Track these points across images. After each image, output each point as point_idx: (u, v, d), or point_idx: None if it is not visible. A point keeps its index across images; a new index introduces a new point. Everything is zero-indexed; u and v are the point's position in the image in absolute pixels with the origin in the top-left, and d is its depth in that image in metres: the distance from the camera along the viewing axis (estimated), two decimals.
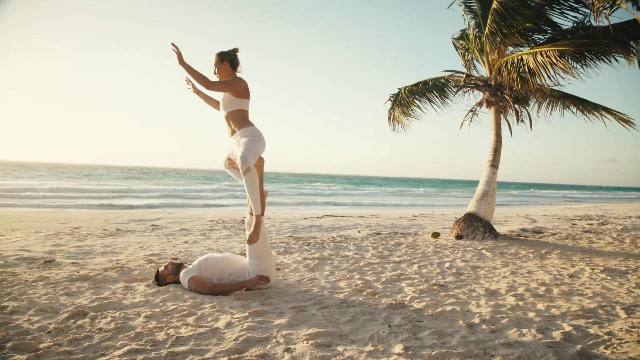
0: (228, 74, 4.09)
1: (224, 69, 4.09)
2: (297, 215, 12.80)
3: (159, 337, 2.79)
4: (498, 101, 8.59)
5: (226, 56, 4.09)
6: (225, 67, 4.09)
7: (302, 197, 26.69)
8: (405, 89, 9.36)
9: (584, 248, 7.15)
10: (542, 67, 6.94)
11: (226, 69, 4.09)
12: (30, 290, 3.82)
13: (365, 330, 2.98)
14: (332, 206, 20.51)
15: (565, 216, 14.46)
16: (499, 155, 8.60)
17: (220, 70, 4.10)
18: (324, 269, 5.10)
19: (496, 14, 7.35)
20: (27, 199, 17.12)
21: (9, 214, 11.39)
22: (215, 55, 4.11)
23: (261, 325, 3.05)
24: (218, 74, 4.11)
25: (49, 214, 11.62)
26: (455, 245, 7.06)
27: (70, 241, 6.71)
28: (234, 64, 4.11)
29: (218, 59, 4.09)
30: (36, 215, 11.03)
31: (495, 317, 3.29)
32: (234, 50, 4.14)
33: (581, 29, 7.72)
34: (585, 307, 3.61)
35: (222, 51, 4.11)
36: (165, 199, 19.61)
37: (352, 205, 22.10)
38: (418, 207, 22.08)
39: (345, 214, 14.03)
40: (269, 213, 13.27)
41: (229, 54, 4.11)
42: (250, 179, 3.83)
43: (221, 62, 4.08)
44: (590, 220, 13.03)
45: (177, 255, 5.74)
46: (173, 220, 10.16)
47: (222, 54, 4.09)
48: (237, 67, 4.13)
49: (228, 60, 4.08)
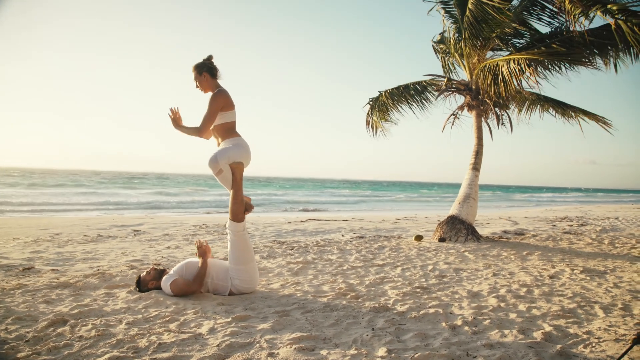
0: (210, 84, 4.07)
1: (204, 80, 4.07)
2: (281, 219, 12.77)
3: (140, 343, 2.75)
4: (479, 105, 8.69)
5: (203, 67, 4.06)
6: (205, 77, 4.06)
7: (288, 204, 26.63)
8: (386, 92, 9.40)
9: (564, 249, 7.27)
10: (514, 74, 7.05)
11: (206, 79, 4.07)
12: (8, 298, 3.74)
13: (348, 334, 2.98)
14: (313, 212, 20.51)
15: (546, 218, 14.68)
16: (481, 158, 8.70)
17: (202, 83, 4.07)
18: (308, 273, 5.10)
19: (468, 22, 7.44)
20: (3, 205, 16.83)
21: None
22: (192, 69, 4.08)
23: (244, 330, 3.04)
24: (200, 86, 4.08)
25: (28, 220, 11.40)
26: (438, 247, 7.12)
27: (50, 247, 6.59)
28: (212, 72, 4.08)
29: (196, 72, 4.07)
30: (14, 221, 10.82)
31: (478, 319, 3.32)
32: (208, 59, 4.12)
33: (559, 33, 7.85)
34: (565, 307, 3.67)
35: (197, 63, 4.08)
36: (148, 208, 19.41)
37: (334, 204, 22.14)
38: (401, 210, 22.20)
39: (329, 217, 14.04)
40: (252, 217, 13.22)
41: (204, 64, 4.08)
42: (223, 178, 3.97)
43: (200, 74, 4.06)
44: (570, 221, 13.26)
45: (159, 261, 5.68)
46: (155, 226, 10.05)
47: (199, 66, 4.07)
48: (216, 74, 4.10)
49: (206, 70, 4.06)
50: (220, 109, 3.97)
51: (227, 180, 4.01)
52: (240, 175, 4.01)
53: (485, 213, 17.52)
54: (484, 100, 8.60)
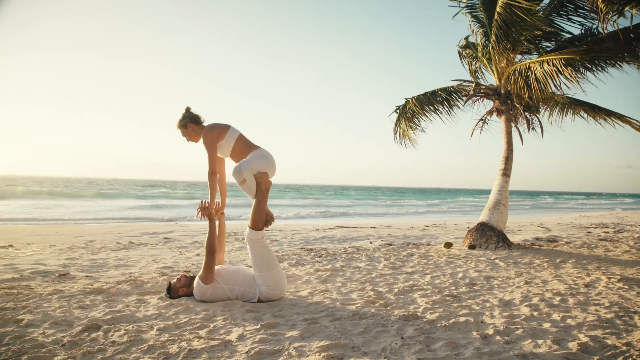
0: (198, 132, 4.13)
1: (191, 131, 4.14)
2: (309, 226, 12.80)
3: (171, 350, 2.79)
4: (508, 109, 8.55)
5: (185, 119, 4.13)
6: (192, 128, 4.13)
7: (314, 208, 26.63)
8: (413, 99, 9.34)
9: (599, 257, 7.05)
10: (549, 76, 6.90)
11: (192, 129, 4.14)
12: (45, 303, 3.86)
13: (377, 342, 2.96)
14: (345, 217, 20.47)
15: (580, 224, 14.28)
16: (511, 163, 8.54)
17: (190, 134, 4.14)
18: (336, 280, 5.09)
19: (497, 25, 7.33)
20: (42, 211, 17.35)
21: (24, 228, 11.53)
22: (177, 127, 4.16)
23: (273, 337, 3.04)
24: (191, 139, 4.17)
25: (63, 227, 11.75)
26: (468, 255, 7.01)
27: (84, 254, 6.77)
28: (195, 120, 4.14)
29: (182, 128, 4.15)
30: (51, 229, 11.16)
31: (510, 328, 3.25)
32: (186, 110, 4.18)
33: (589, 35, 7.67)
34: (602, 317, 3.55)
35: (179, 120, 4.15)
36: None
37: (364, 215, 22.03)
38: (430, 216, 21.96)
39: (357, 224, 14.00)
40: (280, 224, 13.29)
41: (185, 117, 4.14)
42: (247, 188, 3.96)
43: (185, 127, 4.13)
44: (606, 228, 12.86)
45: (189, 268, 5.76)
46: (185, 233, 10.21)
47: (181, 121, 4.14)
48: (199, 120, 4.15)
49: (188, 121, 4.12)
50: (216, 142, 4.02)
51: (250, 190, 4.00)
52: (264, 185, 4.01)
53: (516, 219, 17.16)
54: (514, 104, 8.45)
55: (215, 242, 3.97)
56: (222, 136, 4.07)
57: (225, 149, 4.12)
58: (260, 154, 4.08)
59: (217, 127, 4.09)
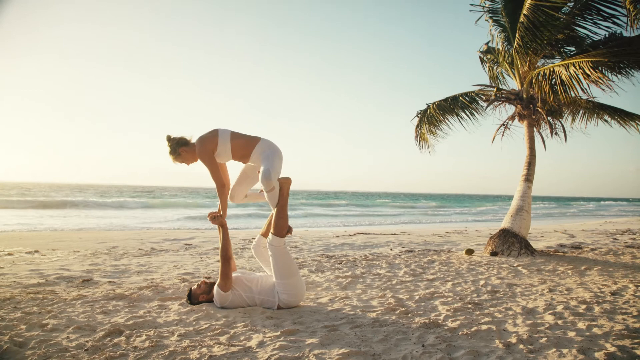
0: (192, 152, 4.04)
1: (186, 154, 4.05)
2: (329, 233, 12.78)
3: (192, 355, 2.81)
4: (530, 114, 8.43)
5: (174, 147, 4.03)
6: (185, 151, 4.04)
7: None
8: (434, 104, 9.29)
9: (626, 264, 6.87)
10: (575, 79, 6.78)
11: (186, 151, 4.04)
12: (69, 308, 3.93)
13: (398, 350, 2.93)
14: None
15: (606, 230, 13.95)
16: (534, 169, 8.41)
17: (187, 158, 4.07)
18: (356, 287, 5.06)
19: (524, 28, 7.25)
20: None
21: (49, 234, 11.79)
22: (170, 158, 4.08)
23: (293, 344, 3.04)
24: (187, 161, 4.09)
25: (87, 233, 11.97)
26: (490, 262, 6.90)
27: (107, 260, 6.88)
28: (183, 143, 4.04)
29: (174, 155, 4.05)
30: (75, 235, 11.37)
31: (533, 337, 3.18)
32: (169, 139, 4.06)
33: (614, 39, 7.52)
34: (630, 327, 3.45)
35: (168, 152, 4.06)
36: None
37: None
38: (451, 223, 21.73)
39: (377, 231, 13.93)
40: (300, 231, 13.31)
41: (172, 145, 4.03)
42: (273, 195, 3.86)
43: (179, 154, 4.04)
44: (633, 234, 12.53)
45: (210, 275, 5.81)
46: (206, 240, 10.30)
47: (171, 149, 4.04)
48: (186, 140, 4.05)
49: (178, 147, 4.03)
50: (213, 154, 3.93)
51: (275, 197, 3.90)
52: (287, 190, 4.00)
53: (539, 226, 16.86)
54: (536, 109, 8.33)
55: (230, 250, 3.98)
56: (214, 145, 3.94)
57: (224, 155, 4.00)
58: (271, 151, 3.93)
59: (206, 140, 3.95)
